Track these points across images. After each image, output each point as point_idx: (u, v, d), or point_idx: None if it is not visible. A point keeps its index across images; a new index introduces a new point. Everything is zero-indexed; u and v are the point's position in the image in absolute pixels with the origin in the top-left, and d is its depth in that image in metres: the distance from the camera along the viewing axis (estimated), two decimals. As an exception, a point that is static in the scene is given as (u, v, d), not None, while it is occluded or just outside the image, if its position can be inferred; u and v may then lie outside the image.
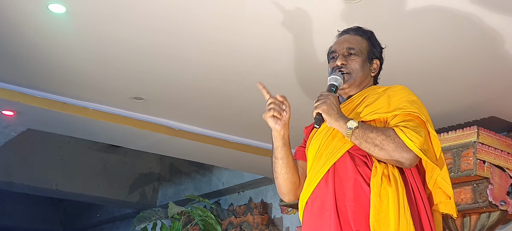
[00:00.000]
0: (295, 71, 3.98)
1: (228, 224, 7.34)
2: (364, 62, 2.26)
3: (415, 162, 2.04)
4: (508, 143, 4.44)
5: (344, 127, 2.04)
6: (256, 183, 7.21)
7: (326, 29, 3.37)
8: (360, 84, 2.25)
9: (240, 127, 5.24)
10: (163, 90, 4.42)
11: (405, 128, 2.01)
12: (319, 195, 2.07)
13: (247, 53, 3.75)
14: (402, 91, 2.19)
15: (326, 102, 2.07)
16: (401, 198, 1.97)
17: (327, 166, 2.08)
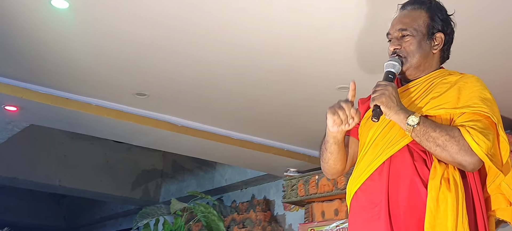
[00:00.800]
0: (298, 68, 3.98)
1: (230, 221, 7.34)
2: (422, 40, 2.03)
3: (479, 166, 1.86)
4: (510, 140, 4.43)
5: (404, 122, 1.87)
6: (258, 180, 7.22)
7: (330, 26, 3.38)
8: (419, 66, 2.04)
9: (242, 123, 5.24)
10: (166, 86, 4.42)
11: (472, 129, 1.83)
12: (372, 187, 1.94)
13: (251, 49, 3.74)
14: (475, 85, 1.97)
15: (384, 93, 1.88)
16: (460, 205, 1.81)
17: (383, 158, 1.94)
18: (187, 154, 6.20)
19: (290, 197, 5.88)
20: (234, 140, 5.51)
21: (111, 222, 10.60)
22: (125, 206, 9.79)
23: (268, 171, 6.60)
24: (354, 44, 3.54)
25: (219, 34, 3.56)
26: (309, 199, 5.76)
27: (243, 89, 4.41)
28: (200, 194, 5.34)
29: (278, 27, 3.42)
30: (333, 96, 4.25)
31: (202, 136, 5.30)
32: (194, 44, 3.70)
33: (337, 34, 3.45)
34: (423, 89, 2.02)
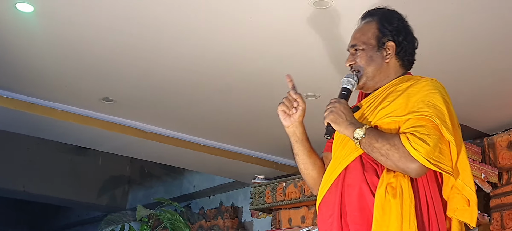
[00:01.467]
0: (266, 75, 3.99)
1: (198, 228, 7.31)
2: (373, 52, 2.08)
3: (423, 172, 1.88)
4: (473, 150, 4.52)
5: (352, 136, 1.94)
6: (227, 187, 7.21)
7: (297, 33, 3.40)
8: (374, 77, 2.08)
9: (210, 130, 5.23)
10: (133, 92, 4.39)
11: (411, 135, 1.86)
12: (329, 199, 2.00)
13: (218, 56, 3.74)
14: (425, 89, 1.98)
15: (333, 111, 1.97)
16: (406, 212, 1.84)
17: (338, 170, 2.00)
18: (155, 160, 6.15)
19: (258, 204, 5.88)
20: (202, 146, 5.49)
21: (77, 229, 10.44)
22: (91, 213, 9.66)
23: (236, 178, 6.59)
24: (323, 50, 3.57)
25: (186, 41, 3.56)
26: (277, 206, 5.76)
27: (211, 95, 4.40)
28: (167, 201, 5.31)
29: (246, 33, 3.43)
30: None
31: (169, 142, 5.27)
32: (161, 50, 3.69)
33: (306, 40, 3.47)
34: (379, 101, 2.05)
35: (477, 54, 3.50)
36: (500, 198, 4.49)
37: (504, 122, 4.50)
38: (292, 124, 2.11)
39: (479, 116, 4.44)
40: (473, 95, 4.09)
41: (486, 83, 3.89)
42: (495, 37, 3.29)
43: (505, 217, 4.40)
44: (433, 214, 1.90)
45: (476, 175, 4.37)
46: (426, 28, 3.24)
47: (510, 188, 4.46)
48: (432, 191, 1.93)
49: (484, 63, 3.62)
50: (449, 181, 1.95)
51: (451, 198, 1.97)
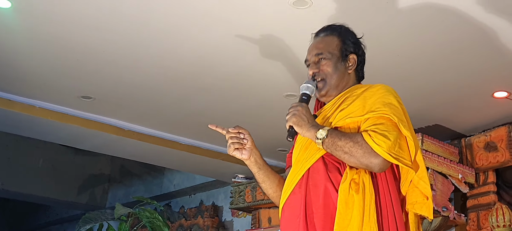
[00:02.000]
0: (245, 75, 4.00)
1: (178, 227, 7.30)
2: (337, 62, 2.18)
3: (386, 166, 1.97)
4: (451, 150, 4.57)
5: (314, 137, 2.02)
6: (207, 186, 7.20)
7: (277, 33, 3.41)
8: (337, 86, 2.18)
9: (191, 129, 5.22)
10: (112, 89, 4.37)
11: (373, 132, 1.96)
12: (293, 201, 2.05)
13: (198, 55, 3.74)
14: (379, 92, 2.09)
15: (295, 114, 2.05)
16: (367, 206, 1.93)
17: (301, 172, 2.06)
18: (134, 159, 6.13)
19: (238, 203, 5.89)
20: (182, 145, 5.48)
21: (56, 227, 10.35)
22: (70, 211, 9.58)
23: (217, 177, 6.59)
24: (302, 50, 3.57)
25: (167, 39, 3.55)
26: (256, 205, 5.78)
27: (191, 94, 4.40)
28: (146, 199, 5.28)
29: (227, 33, 3.44)
30: (281, 103, 4.35)
31: (149, 140, 5.25)
32: (141, 48, 3.68)
33: (286, 40, 3.49)
34: (336, 106, 2.15)
35: (455, 55, 3.54)
36: (476, 198, 4.55)
37: (481, 123, 4.56)
38: (250, 153, 2.17)
39: (456, 117, 4.50)
40: (450, 97, 4.14)
41: (464, 85, 3.94)
42: (473, 38, 3.33)
43: (482, 217, 4.46)
44: (390, 208, 1.99)
45: (454, 175, 4.42)
46: (401, 30, 3.27)
47: (486, 188, 4.52)
48: (391, 186, 2.02)
49: (462, 65, 3.66)
50: (408, 176, 2.05)
51: (410, 192, 2.08)
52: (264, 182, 2.21)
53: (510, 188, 4.49)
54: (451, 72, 3.76)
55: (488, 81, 3.87)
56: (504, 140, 4.40)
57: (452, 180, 4.43)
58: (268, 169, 2.22)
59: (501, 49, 3.42)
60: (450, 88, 3.99)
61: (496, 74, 3.75)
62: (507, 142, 4.37)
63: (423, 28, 3.27)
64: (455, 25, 3.21)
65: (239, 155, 2.16)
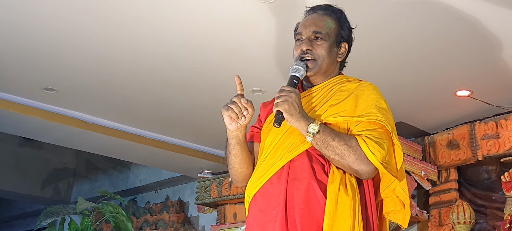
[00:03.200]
0: (211, 68, 3.97)
1: (143, 222, 7.24)
2: (332, 47, 2.08)
3: (374, 174, 1.92)
4: (414, 148, 4.62)
5: (304, 129, 1.90)
6: (173, 181, 7.16)
7: (242, 28, 3.40)
8: (326, 71, 2.09)
9: (156, 123, 5.18)
10: (76, 82, 4.30)
11: (368, 139, 1.88)
12: (270, 190, 1.95)
13: (163, 48, 3.70)
14: (372, 93, 2.03)
15: (288, 100, 1.90)
16: (356, 209, 1.88)
17: (282, 162, 1.95)
18: (98, 153, 6.04)
19: (203, 199, 5.86)
20: (147, 139, 5.43)
21: (19, 222, 10.17)
22: (34, 206, 9.42)
23: (183, 172, 6.55)
24: (268, 45, 3.57)
25: (132, 32, 3.50)
26: (222, 200, 5.76)
27: (156, 88, 4.36)
28: (110, 194, 5.22)
29: (190, 26, 3.41)
30: (247, 98, 4.30)
31: (113, 134, 5.18)
32: (105, 40, 3.62)
33: (249, 34, 3.47)
34: (323, 96, 2.05)
35: (419, 54, 3.57)
36: (439, 195, 4.61)
37: (444, 121, 4.62)
38: (238, 129, 2.01)
39: (420, 115, 4.55)
40: (414, 95, 4.18)
41: (427, 84, 3.98)
42: (436, 37, 3.36)
43: (443, 213, 4.52)
44: (370, 213, 1.96)
45: (416, 172, 4.47)
46: (370, 27, 3.29)
47: (448, 185, 4.58)
48: (371, 192, 1.98)
49: (425, 64, 3.70)
50: (391, 184, 1.99)
51: (388, 200, 2.03)
52: (236, 156, 2.06)
53: (471, 186, 4.56)
54: (415, 70, 3.79)
55: (451, 80, 3.92)
56: (466, 138, 4.46)
57: (415, 177, 4.48)
58: (245, 147, 2.08)
59: (464, 48, 3.47)
60: (414, 86, 4.03)
61: (458, 73, 3.80)
62: (469, 140, 4.43)
63: (389, 26, 3.29)
64: (419, 24, 3.23)
65: (227, 122, 1.99)
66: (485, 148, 4.32)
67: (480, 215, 4.39)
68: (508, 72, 3.74)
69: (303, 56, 2.06)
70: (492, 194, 4.40)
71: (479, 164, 4.49)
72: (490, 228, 4.28)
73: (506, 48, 3.45)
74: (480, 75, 3.82)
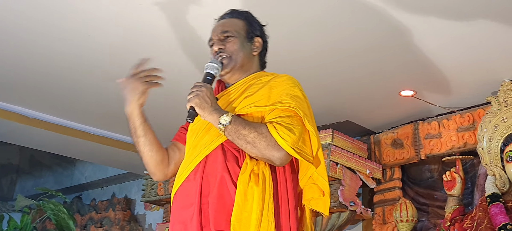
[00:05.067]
0: (156, 66, 3.89)
1: (88, 220, 7.10)
2: (243, 42, 2.17)
3: (287, 160, 1.95)
4: (360, 146, 4.67)
5: (216, 121, 1.95)
6: (120, 178, 7.05)
7: (185, 24, 3.35)
8: (242, 66, 2.15)
9: (101, 119, 5.07)
10: (16, 76, 4.16)
11: (278, 125, 1.92)
12: (188, 188, 1.99)
13: (107, 42, 3.62)
14: (285, 83, 2.08)
15: (198, 95, 1.96)
16: (266, 199, 1.89)
17: (198, 159, 2.00)
18: (41, 149, 5.87)
19: (150, 196, 5.77)
20: (92, 135, 5.32)
21: (-41, 220, 9.85)
22: (-25, 203, 9.13)
23: (129, 169, 6.45)
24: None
25: (73, 26, 3.42)
26: (169, 198, 5.65)
27: (101, 84, 4.25)
28: (51, 191, 5.08)
29: (134, 21, 3.34)
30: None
31: (56, 130, 5.05)
32: (47, 34, 3.52)
33: (194, 31, 3.43)
34: (241, 91, 2.11)
35: (364, 53, 3.60)
36: (383, 193, 4.67)
37: (389, 120, 4.68)
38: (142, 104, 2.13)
39: (366, 114, 4.60)
40: (360, 94, 4.22)
41: (372, 83, 4.02)
42: (381, 36, 3.39)
43: (387, 212, 4.58)
44: (286, 202, 1.98)
45: (362, 170, 4.51)
46: (316, 28, 3.30)
47: (392, 184, 4.65)
48: (288, 180, 2.01)
49: (370, 63, 3.73)
50: (307, 171, 2.05)
51: (307, 188, 2.08)
52: (146, 136, 2.13)
53: (414, 184, 4.64)
54: (360, 70, 3.83)
55: (395, 80, 3.97)
56: (410, 137, 4.54)
57: (360, 176, 4.53)
58: (150, 127, 2.15)
59: (408, 48, 3.51)
60: (360, 86, 4.07)
61: (402, 73, 3.85)
62: (413, 140, 4.51)
63: (334, 28, 3.30)
64: (364, 23, 3.25)
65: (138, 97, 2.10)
66: (428, 147, 4.40)
67: (423, 213, 4.48)
68: (450, 73, 3.81)
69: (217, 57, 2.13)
70: (434, 193, 4.49)
71: (422, 163, 4.58)
72: (432, 226, 4.36)
73: (447, 50, 3.51)
74: (423, 76, 3.88)
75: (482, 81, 3.90)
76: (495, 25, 3.20)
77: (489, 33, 3.28)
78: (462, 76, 3.85)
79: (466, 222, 3.76)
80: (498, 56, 3.58)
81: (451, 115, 4.33)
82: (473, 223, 3.69)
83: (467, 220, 3.76)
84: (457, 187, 3.97)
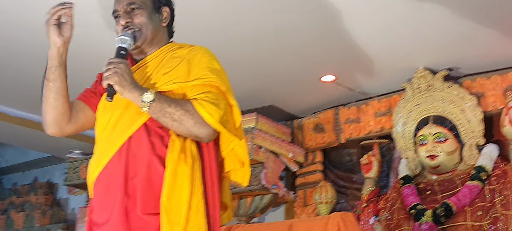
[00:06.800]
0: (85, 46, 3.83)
1: (8, 204, 6.90)
2: (151, 13, 2.08)
3: (214, 136, 1.94)
4: (283, 130, 4.77)
5: (139, 99, 1.88)
6: (42, 162, 6.87)
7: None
8: (152, 39, 2.08)
9: (23, 100, 4.92)
10: None
11: (203, 101, 1.90)
12: (111, 170, 1.92)
13: (30, 22, 3.52)
14: (204, 56, 2.04)
15: (117, 72, 1.86)
16: (196, 176, 1.88)
17: (122, 140, 1.92)
18: (-44, 130, 5.65)
19: (72, 180, 5.67)
20: (13, 117, 5.15)
21: None
22: None
23: (52, 152, 6.30)
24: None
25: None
26: (92, 182, 5.62)
27: (23, 64, 4.13)
28: (-33, 174, 4.91)
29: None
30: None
31: (-27, 111, 4.88)
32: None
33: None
34: (156, 65, 2.06)
35: (286, 38, 3.66)
36: (304, 177, 4.80)
37: (312, 105, 4.80)
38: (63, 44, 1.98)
39: (289, 99, 4.69)
40: (283, 80, 4.30)
41: (293, 68, 4.10)
42: (302, 21, 3.45)
43: (308, 194, 4.72)
44: (213, 176, 1.98)
45: (285, 154, 4.61)
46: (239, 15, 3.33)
47: (314, 167, 4.78)
48: (213, 154, 2.00)
49: (291, 48, 3.80)
50: (230, 143, 2.04)
51: (227, 159, 2.08)
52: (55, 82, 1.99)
53: (335, 167, 4.79)
54: (282, 55, 3.89)
55: (316, 66, 4.07)
56: (331, 122, 4.67)
57: (283, 159, 4.63)
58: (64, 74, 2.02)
59: (328, 35, 3.61)
60: (282, 71, 4.14)
61: (323, 58, 3.95)
62: (334, 124, 4.65)
63: (257, 12, 3.35)
64: (286, 10, 3.32)
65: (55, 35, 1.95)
66: (348, 131, 4.56)
67: (342, 195, 4.64)
68: (369, 59, 3.95)
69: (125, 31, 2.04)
70: (352, 176, 4.66)
71: (342, 147, 4.73)
72: (350, 207, 4.53)
73: (367, 36, 3.64)
74: (343, 62, 4.00)
75: (398, 68, 4.07)
76: (412, 13, 3.33)
77: (405, 20, 3.42)
78: (380, 62, 3.99)
79: (381, 203, 3.95)
80: (413, 44, 3.74)
81: (369, 100, 4.49)
82: (387, 203, 3.87)
83: (382, 201, 3.95)
84: (373, 170, 4.14)
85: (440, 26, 3.47)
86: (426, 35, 3.60)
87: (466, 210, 3.47)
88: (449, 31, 3.53)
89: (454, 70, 4.05)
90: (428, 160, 3.73)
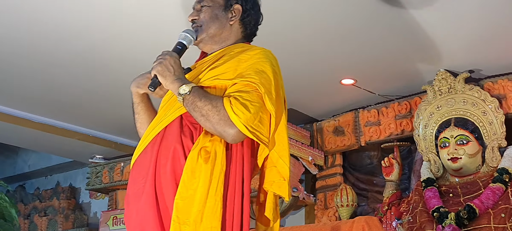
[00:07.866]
0: (98, 52, 3.89)
1: (32, 209, 6.99)
2: (218, 11, 2.08)
3: (240, 138, 1.82)
4: (303, 134, 4.78)
5: (177, 91, 1.85)
6: (65, 167, 6.96)
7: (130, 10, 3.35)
8: (214, 36, 2.07)
9: (45, 106, 4.99)
10: (-46, 61, 4.06)
11: (234, 99, 1.80)
12: (144, 159, 1.89)
13: (51, 29, 3.57)
14: (255, 57, 1.95)
15: (161, 63, 1.87)
16: (215, 178, 1.78)
17: (158, 129, 1.91)
18: (-19, 136, 5.75)
19: (94, 184, 5.75)
20: (35, 123, 5.23)
21: None
22: None
23: (74, 157, 6.37)
24: (153, 29, 3.55)
25: (18, 11, 3.36)
26: (114, 186, 5.68)
27: (45, 70, 4.19)
28: (-8, 180, 4.98)
29: (81, 7, 3.32)
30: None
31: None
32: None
33: (139, 19, 3.44)
34: (211, 62, 2.02)
35: (307, 41, 3.68)
36: (325, 179, 4.80)
37: (331, 108, 4.81)
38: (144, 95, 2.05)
39: (309, 102, 4.71)
40: (303, 83, 4.31)
41: (314, 72, 4.12)
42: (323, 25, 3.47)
43: (328, 197, 4.71)
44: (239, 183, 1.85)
45: (304, 157, 4.62)
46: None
47: (333, 170, 4.78)
48: (246, 160, 1.88)
49: (312, 52, 3.82)
50: (262, 152, 1.93)
51: (268, 171, 1.97)
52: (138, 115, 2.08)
53: (355, 170, 4.79)
54: (303, 58, 3.91)
55: (336, 69, 4.07)
56: (351, 124, 4.67)
57: (303, 162, 4.64)
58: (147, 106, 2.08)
59: (348, 38, 3.61)
60: (303, 74, 4.15)
61: (344, 61, 3.96)
62: (353, 127, 4.65)
63: (277, 15, 3.36)
64: (306, 14, 3.33)
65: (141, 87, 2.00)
66: (368, 134, 4.55)
67: (362, 198, 4.63)
68: (389, 62, 3.94)
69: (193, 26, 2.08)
70: (373, 178, 4.65)
71: (362, 149, 4.73)
72: (371, 210, 4.52)
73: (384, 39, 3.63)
74: (363, 65, 4.00)
75: (419, 70, 4.06)
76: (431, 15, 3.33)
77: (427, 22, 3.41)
78: (400, 65, 3.98)
79: (402, 206, 3.93)
80: (433, 46, 3.73)
81: (389, 103, 4.48)
82: (409, 206, 3.85)
83: (404, 204, 3.93)
84: (394, 173, 4.13)
85: (461, 28, 3.46)
86: (446, 37, 3.58)
87: (489, 212, 3.44)
88: (469, 33, 3.52)
89: (475, 72, 4.03)
90: (450, 162, 3.71)
